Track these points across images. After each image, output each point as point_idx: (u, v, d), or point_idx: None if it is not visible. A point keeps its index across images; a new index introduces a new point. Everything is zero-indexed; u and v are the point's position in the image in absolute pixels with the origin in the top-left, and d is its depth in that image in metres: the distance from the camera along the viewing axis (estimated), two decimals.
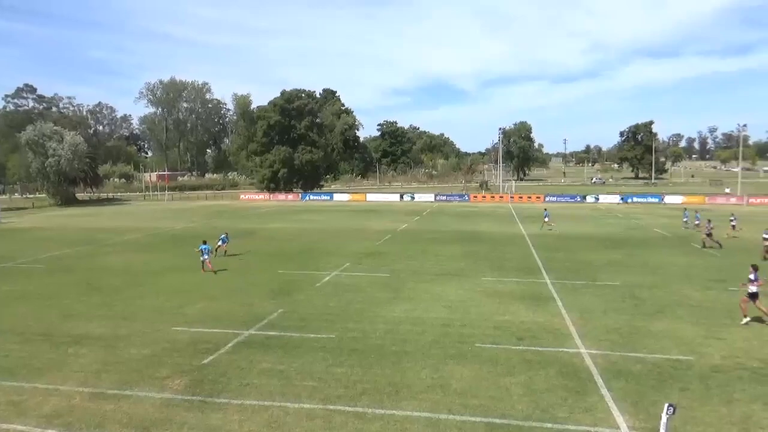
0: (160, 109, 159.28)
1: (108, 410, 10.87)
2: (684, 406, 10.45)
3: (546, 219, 42.06)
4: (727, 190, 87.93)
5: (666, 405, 7.52)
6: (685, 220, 42.11)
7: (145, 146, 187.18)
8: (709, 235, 31.27)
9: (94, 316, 17.72)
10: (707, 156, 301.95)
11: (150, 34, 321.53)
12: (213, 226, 46.74)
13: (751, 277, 16.65)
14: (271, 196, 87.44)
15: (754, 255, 24.42)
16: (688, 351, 13.98)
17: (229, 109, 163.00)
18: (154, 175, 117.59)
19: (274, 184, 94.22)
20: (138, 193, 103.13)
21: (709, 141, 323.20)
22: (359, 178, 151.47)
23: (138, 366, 13.23)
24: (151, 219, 54.07)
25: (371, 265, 26.71)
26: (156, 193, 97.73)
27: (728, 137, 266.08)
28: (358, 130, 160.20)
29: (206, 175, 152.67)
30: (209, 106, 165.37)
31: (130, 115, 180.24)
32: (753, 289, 16.34)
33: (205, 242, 25.64)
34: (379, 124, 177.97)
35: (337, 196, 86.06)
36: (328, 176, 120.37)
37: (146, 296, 20.47)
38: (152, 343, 14.86)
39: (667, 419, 7.44)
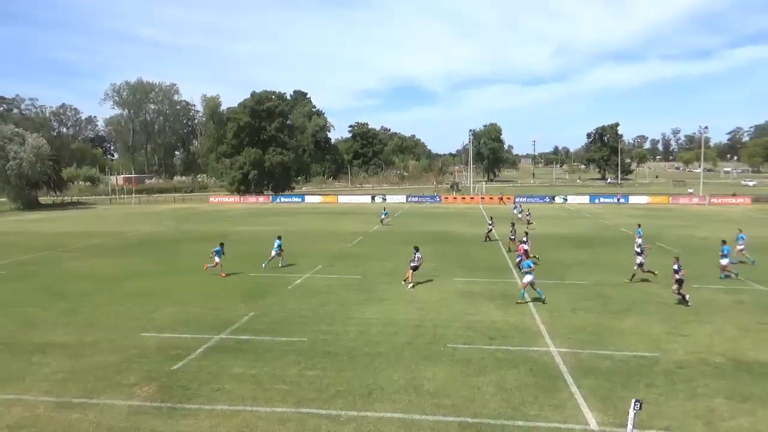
0: (126, 110, 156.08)
1: (74, 420, 10.60)
2: (650, 402, 10.70)
3: (520, 215, 45.55)
4: (690, 191, 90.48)
5: (633, 401, 7.68)
6: (515, 211, 48.31)
7: (111, 148, 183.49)
8: (529, 222, 41.88)
9: (58, 324, 17.25)
10: (671, 157, 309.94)
11: (116, 34, 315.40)
12: (183, 229, 46.04)
13: (675, 267, 18.41)
14: (242, 198, 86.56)
15: (716, 254, 25.05)
16: (654, 348, 14.32)
17: (198, 111, 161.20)
18: (120, 178, 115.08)
19: (244, 186, 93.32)
20: (104, 197, 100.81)
21: (673, 143, 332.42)
22: (331, 179, 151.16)
23: (105, 373, 12.92)
24: (118, 223, 52.96)
25: (343, 267, 26.63)
26: (123, 196, 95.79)
27: (690, 139, 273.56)
28: (329, 131, 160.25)
29: (175, 178, 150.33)
30: (177, 107, 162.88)
31: (95, 117, 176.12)
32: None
33: (222, 245, 24.94)
34: (350, 126, 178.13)
35: (308, 198, 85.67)
36: (299, 178, 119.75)
37: (113, 302, 20.02)
38: (120, 350, 14.54)
39: (634, 415, 7.60)
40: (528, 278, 18.98)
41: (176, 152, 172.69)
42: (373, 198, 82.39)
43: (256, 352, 14.27)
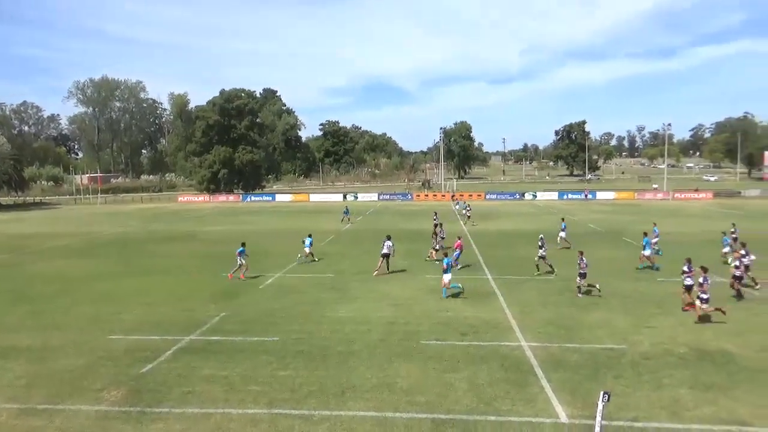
0: (91, 108, 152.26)
1: (38, 426, 10.31)
2: (618, 393, 10.93)
3: (465, 210, 47.01)
4: (655, 186, 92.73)
5: (601, 393, 7.83)
6: (456, 207, 50.32)
7: (76, 147, 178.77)
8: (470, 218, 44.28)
9: (22, 327, 16.76)
10: (636, 154, 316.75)
11: (80, 30, 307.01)
12: (151, 229, 45.20)
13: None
14: (211, 197, 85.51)
15: (687, 250, 25.79)
16: (621, 340, 14.64)
17: (165, 109, 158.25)
18: (85, 178, 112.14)
19: (214, 185, 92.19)
20: (68, 197, 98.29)
21: (638, 139, 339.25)
22: (302, 178, 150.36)
23: (71, 378, 12.61)
24: (84, 223, 51.71)
25: (316, 265, 26.50)
26: (88, 196, 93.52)
27: (655, 136, 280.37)
28: (299, 129, 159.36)
29: (142, 177, 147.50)
30: (144, 105, 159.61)
31: (58, 115, 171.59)
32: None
33: (243, 245, 23.86)
34: (321, 124, 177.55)
35: (279, 197, 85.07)
36: (269, 177, 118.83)
37: (80, 304, 19.54)
38: (86, 354, 14.20)
39: (603, 406, 7.75)
40: (447, 277, 19.59)
41: (143, 151, 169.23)
42: (344, 196, 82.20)
43: (227, 352, 14.11)
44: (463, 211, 47.86)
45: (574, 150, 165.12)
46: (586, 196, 75.79)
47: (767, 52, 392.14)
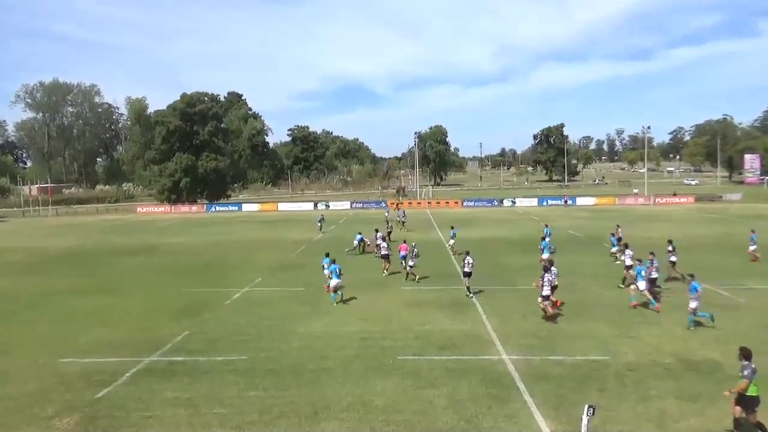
0: (40, 113, 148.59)
1: None
2: (603, 406, 11.04)
3: (400, 218, 48.40)
4: (635, 191, 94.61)
5: (586, 406, 7.89)
6: (387, 215, 51.01)
7: (24, 156, 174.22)
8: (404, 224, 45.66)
9: None
10: (616, 158, 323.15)
11: (27, 29, 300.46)
12: (109, 243, 44.27)
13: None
14: (173, 208, 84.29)
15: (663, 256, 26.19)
16: (605, 351, 14.82)
17: (122, 114, 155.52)
18: (34, 188, 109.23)
19: (175, 195, 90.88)
20: (16, 209, 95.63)
21: (617, 143, 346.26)
22: (270, 186, 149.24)
23: (19, 405, 12.20)
24: (34, 237, 50.39)
25: (286, 278, 26.32)
26: (38, 208, 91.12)
27: (634, 139, 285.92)
28: (267, 135, 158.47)
29: (97, 187, 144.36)
30: (99, 110, 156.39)
31: (4, 121, 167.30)
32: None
33: (327, 255, 23.16)
34: (289, 129, 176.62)
35: (246, 207, 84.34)
36: (235, 185, 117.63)
37: (30, 325, 18.99)
38: (36, 378, 13.77)
39: (588, 420, 7.81)
40: (334, 282, 20.75)
41: (98, 159, 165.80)
42: (315, 205, 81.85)
43: (191, 373, 13.84)
44: (398, 219, 48.96)
45: (553, 154, 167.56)
46: (566, 202, 76.88)
47: (744, 53, 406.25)
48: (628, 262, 22.15)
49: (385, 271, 26.52)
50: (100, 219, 74.03)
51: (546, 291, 18.00)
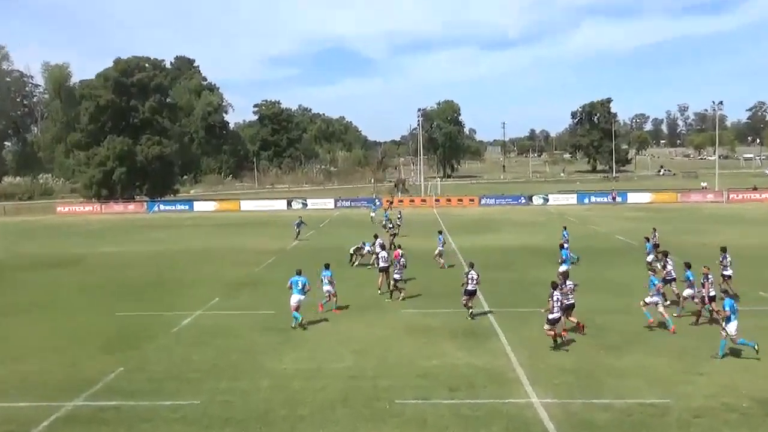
0: None
1: None
2: None
3: (397, 219, 48.37)
4: (704, 185, 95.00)
5: None
6: (372, 215, 53.41)
7: None
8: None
9: None
10: (678, 142, 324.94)
11: None
12: (19, 252, 44.19)
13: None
14: (104, 207, 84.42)
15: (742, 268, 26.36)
16: (664, 392, 14.84)
17: (38, 86, 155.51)
18: None
19: (106, 189, 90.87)
20: None
21: (680, 123, 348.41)
22: (230, 178, 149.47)
23: None
24: None
25: (250, 298, 26.38)
26: None
27: (702, 118, 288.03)
28: (226, 113, 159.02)
29: (5, 179, 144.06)
30: (8, 80, 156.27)
31: None
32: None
33: (327, 267, 23.89)
34: (255, 106, 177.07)
35: (199, 205, 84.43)
36: (185, 177, 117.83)
37: None
38: None
39: None
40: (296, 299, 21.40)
41: (6, 143, 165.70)
42: (289, 203, 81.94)
43: (127, 423, 13.83)
44: (396, 219, 49.38)
45: (597, 137, 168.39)
46: (614, 198, 77.21)
47: None
48: (672, 272, 23.64)
49: (380, 288, 26.56)
50: (8, 221, 73.93)
51: (555, 314, 18.26)
